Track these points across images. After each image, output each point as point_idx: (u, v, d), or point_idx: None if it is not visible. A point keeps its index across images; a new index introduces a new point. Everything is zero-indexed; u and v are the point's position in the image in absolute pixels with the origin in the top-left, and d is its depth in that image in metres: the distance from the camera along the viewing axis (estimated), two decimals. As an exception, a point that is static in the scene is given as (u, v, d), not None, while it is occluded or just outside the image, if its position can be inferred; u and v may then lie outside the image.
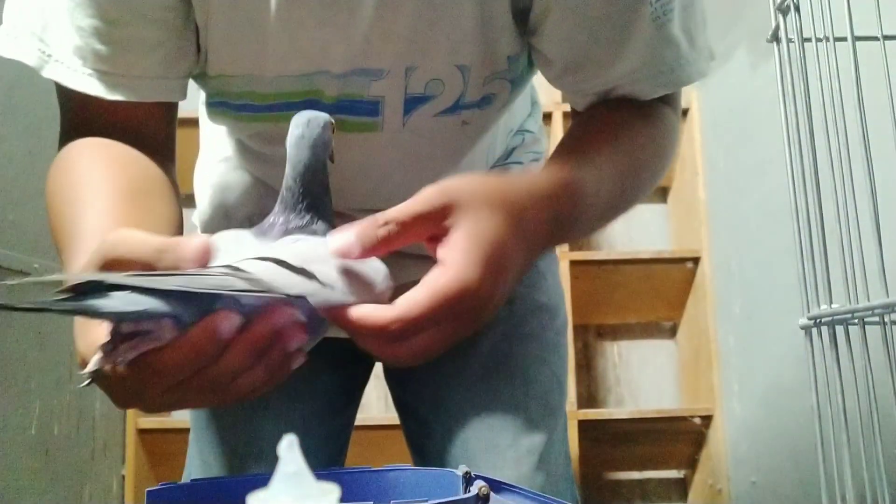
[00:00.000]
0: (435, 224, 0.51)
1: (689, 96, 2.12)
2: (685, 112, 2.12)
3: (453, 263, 0.49)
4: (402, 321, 0.48)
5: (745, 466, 1.86)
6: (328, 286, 0.49)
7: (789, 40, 0.76)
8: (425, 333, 0.49)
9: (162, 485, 0.57)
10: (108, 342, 0.44)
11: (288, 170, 0.57)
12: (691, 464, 2.12)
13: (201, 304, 0.44)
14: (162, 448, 1.95)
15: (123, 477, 1.90)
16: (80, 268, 0.54)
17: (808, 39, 0.71)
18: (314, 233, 0.55)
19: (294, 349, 0.48)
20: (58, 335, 1.64)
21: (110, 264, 0.47)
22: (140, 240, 0.47)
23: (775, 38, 0.78)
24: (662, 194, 2.32)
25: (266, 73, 0.71)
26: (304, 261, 0.49)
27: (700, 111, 2.10)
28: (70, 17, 0.67)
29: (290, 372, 0.49)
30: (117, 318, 0.43)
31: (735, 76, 1.89)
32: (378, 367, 0.99)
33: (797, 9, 0.74)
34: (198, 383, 0.46)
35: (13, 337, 1.47)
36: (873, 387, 0.65)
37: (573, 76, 0.73)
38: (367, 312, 0.48)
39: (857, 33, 0.67)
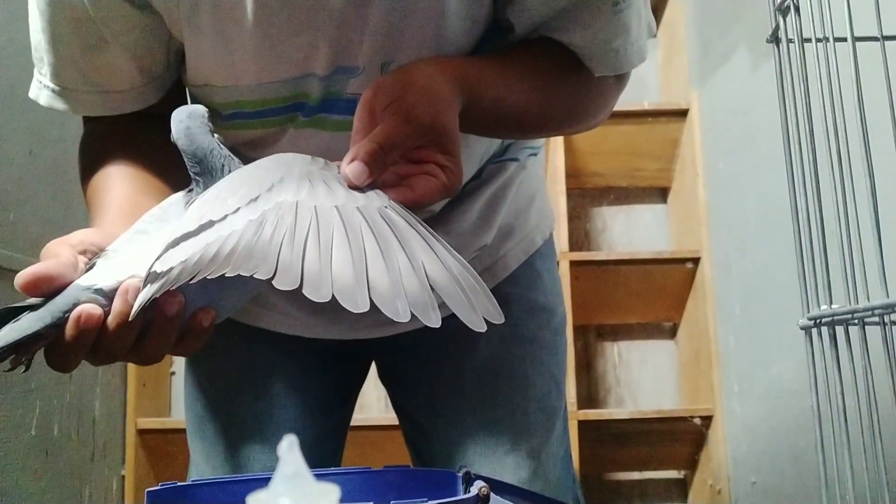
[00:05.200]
0: (417, 140, 0.60)
1: (690, 96, 2.12)
2: (685, 112, 2.12)
3: (449, 165, 0.60)
4: (423, 203, 0.58)
5: (745, 467, 1.86)
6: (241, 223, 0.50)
7: (789, 41, 0.75)
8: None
9: (162, 485, 0.57)
10: (6, 350, 0.51)
11: (188, 162, 0.62)
12: (691, 464, 2.12)
13: (56, 312, 0.52)
14: (162, 448, 1.95)
15: (123, 477, 1.90)
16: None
17: (808, 40, 0.71)
18: None
19: (178, 314, 0.54)
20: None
21: None
22: (44, 254, 0.57)
23: (775, 38, 0.77)
24: (662, 194, 2.32)
25: (250, 82, 0.71)
26: (214, 206, 0.53)
27: (700, 111, 2.10)
28: (49, 39, 0.72)
29: (202, 328, 0.56)
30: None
31: (735, 76, 1.89)
32: (375, 368, 0.99)
33: (797, 9, 0.74)
34: (102, 354, 0.55)
35: (13, 337, 1.47)
36: (873, 387, 0.65)
37: (522, 35, 0.74)
38: (399, 194, 0.57)
39: (856, 34, 0.67)
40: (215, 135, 0.62)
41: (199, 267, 0.48)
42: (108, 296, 0.53)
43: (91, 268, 0.56)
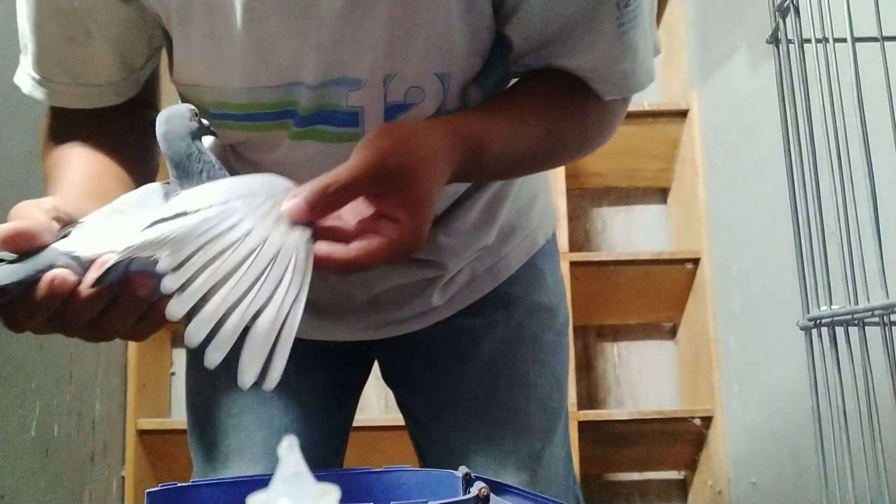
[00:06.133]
0: (378, 188, 0.57)
1: (689, 96, 2.12)
2: (685, 112, 2.12)
3: (404, 221, 0.57)
4: (360, 264, 0.56)
5: (745, 467, 1.86)
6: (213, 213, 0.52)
7: (789, 41, 0.76)
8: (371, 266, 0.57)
9: (162, 486, 0.57)
10: None
11: (169, 166, 0.63)
12: (691, 465, 2.12)
13: (31, 270, 0.52)
14: (162, 449, 1.95)
15: (123, 478, 1.90)
16: None
17: (808, 41, 0.71)
18: None
19: (147, 295, 0.54)
20: (58, 336, 1.64)
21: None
22: (16, 213, 0.56)
23: (775, 39, 0.78)
24: (662, 195, 2.32)
25: (237, 85, 0.71)
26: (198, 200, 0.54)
27: (700, 111, 2.10)
28: (34, 30, 0.72)
29: (160, 316, 0.54)
30: None
31: (735, 77, 1.89)
32: (377, 368, 0.99)
33: (797, 10, 0.74)
34: (61, 324, 0.55)
35: (13, 338, 1.47)
36: (873, 388, 0.65)
37: (528, 59, 0.74)
38: (331, 250, 0.55)
39: (856, 34, 0.67)
40: (204, 137, 0.63)
41: (159, 245, 0.50)
42: (84, 265, 0.54)
43: (65, 236, 0.56)
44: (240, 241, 0.51)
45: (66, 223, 0.58)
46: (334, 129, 0.73)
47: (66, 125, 0.75)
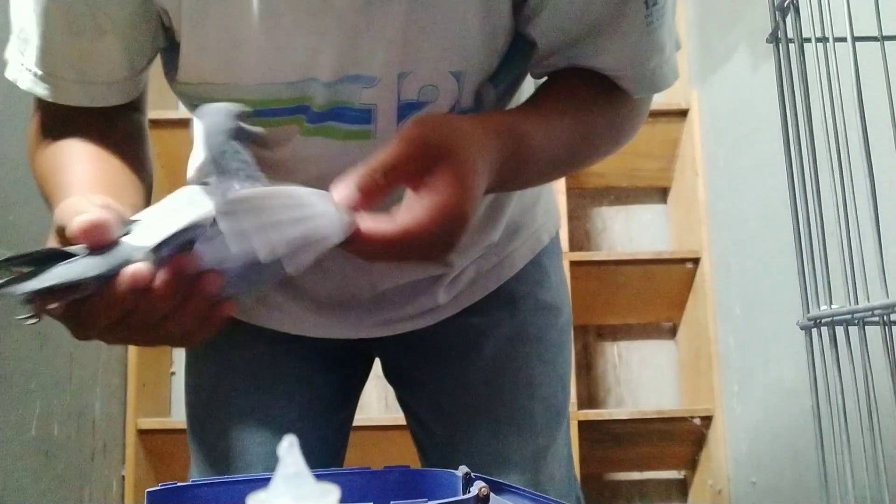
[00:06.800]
0: (423, 166, 0.57)
1: (690, 96, 2.12)
2: (685, 112, 2.12)
3: (449, 195, 0.56)
4: (408, 238, 0.55)
5: (745, 467, 1.86)
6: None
7: (789, 41, 0.76)
8: (417, 247, 0.56)
9: (162, 485, 0.57)
10: (50, 291, 0.50)
11: (205, 162, 0.61)
12: (691, 464, 2.12)
13: (113, 263, 0.52)
14: (162, 448, 1.95)
15: (123, 478, 1.90)
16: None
17: (808, 40, 0.71)
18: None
19: (215, 293, 0.54)
20: (58, 335, 1.64)
21: (59, 231, 0.54)
22: (73, 208, 0.54)
23: (775, 38, 0.78)
24: (662, 194, 2.32)
25: (250, 82, 0.70)
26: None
27: (700, 111, 2.10)
28: (37, 22, 0.70)
29: (221, 318, 0.56)
30: (35, 296, 0.50)
31: (735, 76, 1.89)
32: (377, 367, 0.99)
33: (797, 9, 0.74)
34: (129, 324, 0.54)
35: (13, 337, 1.47)
36: (873, 387, 0.65)
37: (553, 59, 0.73)
38: (374, 225, 0.55)
39: (856, 34, 0.67)
40: (243, 134, 0.61)
41: (236, 209, 0.52)
42: (158, 261, 0.53)
43: (126, 233, 0.55)
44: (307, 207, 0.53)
45: (120, 220, 0.56)
46: (345, 125, 0.73)
47: (63, 123, 0.74)
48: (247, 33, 0.68)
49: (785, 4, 0.75)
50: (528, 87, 0.93)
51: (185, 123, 0.82)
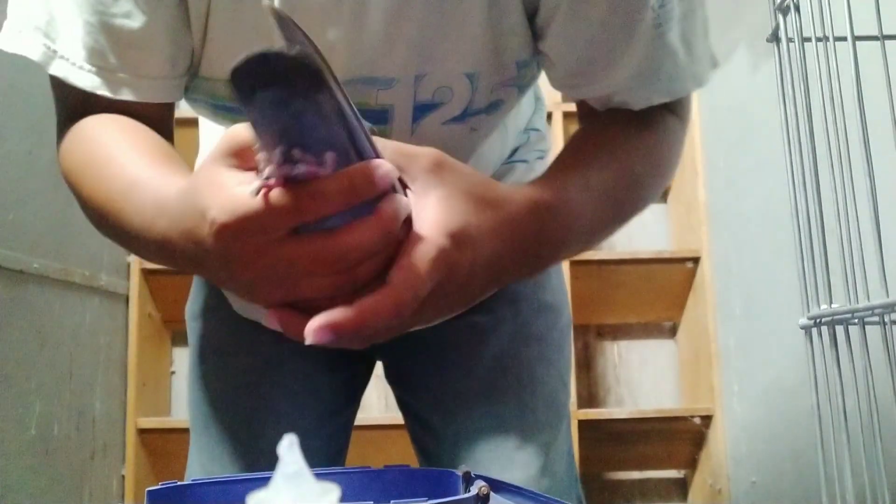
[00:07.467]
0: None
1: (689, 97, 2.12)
2: (685, 112, 2.12)
3: (401, 290, 0.48)
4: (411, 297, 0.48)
5: (745, 466, 1.86)
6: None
7: (789, 40, 0.76)
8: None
9: (162, 484, 0.57)
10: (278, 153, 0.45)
11: None
12: (691, 464, 2.12)
13: (363, 152, 0.46)
14: (162, 448, 1.95)
15: (123, 477, 1.90)
16: (158, 208, 0.55)
17: (808, 39, 0.71)
18: None
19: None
20: (58, 335, 1.65)
21: (238, 152, 0.48)
22: None
23: (775, 38, 0.78)
24: (662, 194, 2.32)
25: None
26: None
27: (700, 111, 2.10)
28: (78, 10, 0.66)
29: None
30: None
31: (735, 76, 1.89)
32: (379, 367, 0.99)
33: (797, 9, 0.74)
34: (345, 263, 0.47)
35: (13, 337, 1.47)
36: (873, 387, 0.65)
37: (574, 79, 0.73)
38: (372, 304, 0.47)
39: (856, 33, 0.67)
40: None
41: None
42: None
43: None
44: None
45: None
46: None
47: (105, 118, 0.69)
48: (270, 32, 0.67)
49: (785, 4, 0.75)
50: (528, 100, 0.93)
51: (185, 123, 0.82)
